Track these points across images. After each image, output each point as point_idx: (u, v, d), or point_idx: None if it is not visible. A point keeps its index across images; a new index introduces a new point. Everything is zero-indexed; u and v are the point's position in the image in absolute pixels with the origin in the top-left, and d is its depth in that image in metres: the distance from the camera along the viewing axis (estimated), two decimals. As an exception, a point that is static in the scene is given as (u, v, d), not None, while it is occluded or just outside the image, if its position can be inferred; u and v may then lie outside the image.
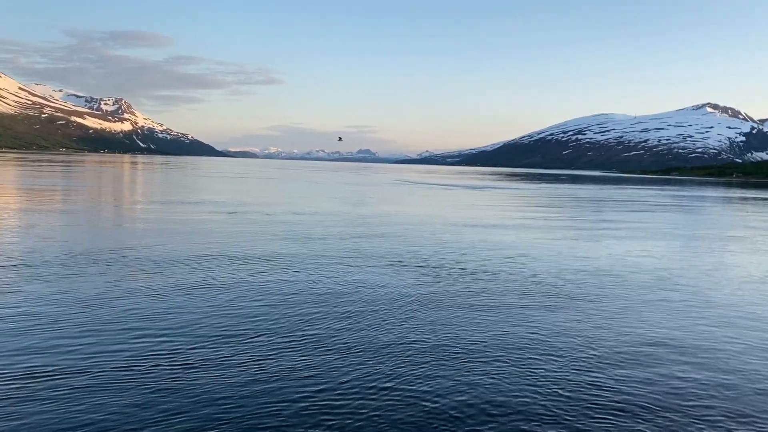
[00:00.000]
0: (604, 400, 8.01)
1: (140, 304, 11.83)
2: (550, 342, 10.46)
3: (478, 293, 14.07)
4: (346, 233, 24.78)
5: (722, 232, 32.96)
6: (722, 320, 12.55)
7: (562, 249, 22.25)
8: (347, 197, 52.18)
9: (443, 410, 7.48)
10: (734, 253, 23.96)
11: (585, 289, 15.01)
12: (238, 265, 16.31)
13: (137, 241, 20.00)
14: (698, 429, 7.30)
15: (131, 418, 6.92)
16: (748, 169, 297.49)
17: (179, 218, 28.32)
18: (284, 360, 9.00)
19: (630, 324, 11.88)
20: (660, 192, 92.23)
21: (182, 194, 47.24)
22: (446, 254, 19.63)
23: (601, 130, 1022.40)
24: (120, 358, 8.76)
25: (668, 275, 17.57)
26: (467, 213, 38.79)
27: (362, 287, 14.26)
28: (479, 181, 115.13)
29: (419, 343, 10.12)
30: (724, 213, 51.69)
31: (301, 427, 6.89)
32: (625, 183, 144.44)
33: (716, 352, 10.30)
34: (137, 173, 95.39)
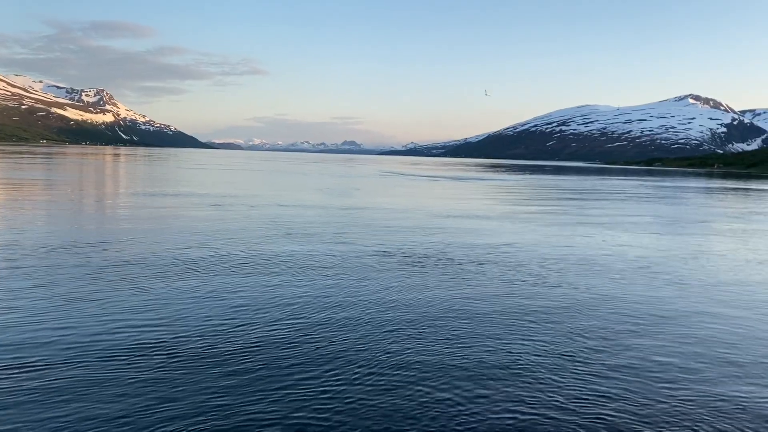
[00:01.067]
0: (587, 384, 8.08)
1: (122, 296, 11.73)
2: (533, 329, 10.52)
3: (462, 281, 14.11)
4: (332, 224, 24.73)
5: (703, 221, 33.36)
6: (703, 302, 12.70)
7: (545, 238, 22.39)
8: (333, 189, 52.05)
9: (426, 397, 7.50)
10: (714, 241, 24.25)
11: (568, 277, 15.12)
12: (223, 257, 16.23)
13: (119, 234, 19.81)
14: (683, 412, 7.39)
15: (114, 409, 6.86)
16: (728, 160, 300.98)
17: (162, 211, 28.09)
18: (269, 350, 8.98)
19: (613, 310, 11.98)
20: (642, 183, 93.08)
21: (165, 187, 46.85)
22: (432, 244, 19.66)
23: (585, 122, 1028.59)
24: (101, 350, 8.68)
25: (650, 263, 17.74)
26: (453, 204, 38.91)
27: (348, 277, 14.25)
28: (465, 172, 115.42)
29: (403, 329, 10.13)
30: (705, 203, 52.31)
31: (285, 414, 6.88)
32: (608, 174, 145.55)
33: (697, 334, 10.42)
34: (119, 165, 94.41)
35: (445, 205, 37.87)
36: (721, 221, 34.10)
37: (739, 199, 60.30)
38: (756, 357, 9.62)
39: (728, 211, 43.33)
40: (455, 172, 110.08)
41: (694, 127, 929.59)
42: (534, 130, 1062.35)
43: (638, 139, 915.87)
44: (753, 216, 39.19)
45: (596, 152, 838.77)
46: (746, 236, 26.54)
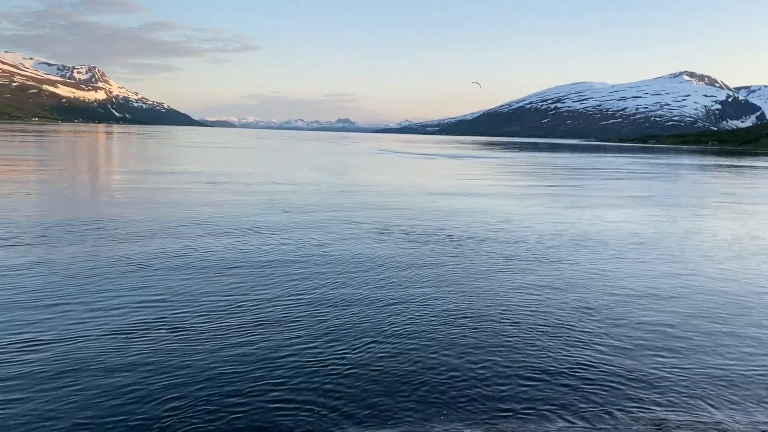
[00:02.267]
0: (582, 353, 8.23)
1: (119, 273, 11.78)
2: (530, 301, 10.66)
3: (461, 257, 14.23)
4: (329, 202, 24.78)
5: (696, 198, 33.56)
6: (695, 278, 12.87)
7: (541, 216, 22.51)
8: (330, 167, 51.99)
9: (422, 367, 7.63)
10: (707, 218, 24.43)
11: (563, 253, 15.25)
12: (218, 235, 16.27)
13: (114, 212, 19.81)
14: (676, 386, 7.55)
15: (113, 384, 6.97)
16: (723, 137, 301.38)
17: (156, 188, 28.05)
18: (268, 325, 9.07)
19: (608, 284, 12.13)
20: (637, 160, 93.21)
21: (159, 165, 46.68)
22: (430, 222, 19.75)
23: (580, 99, 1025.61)
24: (99, 327, 8.76)
25: (644, 239, 17.89)
26: (449, 182, 38.97)
27: (346, 254, 14.33)
28: (460, 150, 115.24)
29: (403, 304, 10.25)
30: (699, 181, 52.52)
31: (283, 391, 7.00)
32: (603, 151, 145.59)
33: (690, 306, 10.59)
34: (113, 143, 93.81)
35: (441, 183, 37.92)
36: (714, 198, 34.30)
37: (732, 176, 60.55)
38: (745, 326, 9.80)
39: (721, 189, 43.56)
40: (450, 150, 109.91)
41: (689, 104, 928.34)
42: (529, 107, 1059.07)
43: (633, 117, 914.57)
44: (745, 193, 39.43)
45: (591, 129, 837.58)
46: (738, 213, 26.74)
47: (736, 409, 6.95)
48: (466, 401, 6.90)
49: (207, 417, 6.33)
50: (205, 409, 6.48)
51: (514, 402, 6.92)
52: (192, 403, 6.60)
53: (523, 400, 6.98)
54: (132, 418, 6.25)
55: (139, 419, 6.23)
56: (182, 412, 6.39)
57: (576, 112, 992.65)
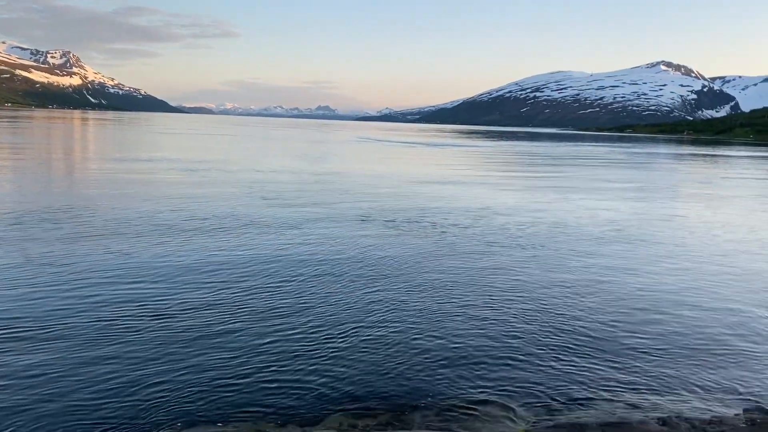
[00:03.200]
0: (560, 340, 8.34)
1: (95, 261, 11.63)
2: (511, 287, 10.76)
3: (441, 244, 14.29)
4: (310, 190, 24.69)
5: (672, 186, 34.07)
6: (670, 261, 13.09)
7: (520, 203, 22.68)
8: (311, 155, 51.76)
9: (404, 358, 7.68)
10: (682, 205, 24.82)
11: (540, 239, 15.39)
12: (196, 222, 16.11)
13: (88, 200, 19.53)
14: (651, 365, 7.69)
15: (95, 372, 6.90)
16: (698, 127, 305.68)
17: (133, 176, 27.68)
18: (246, 314, 9.05)
19: (584, 267, 12.28)
20: (614, 149, 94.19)
21: (136, 152, 46.07)
22: (411, 209, 19.77)
23: (559, 88, 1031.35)
24: (73, 315, 8.66)
25: (621, 225, 18.12)
26: (430, 170, 39.07)
27: (327, 240, 14.31)
28: (440, 138, 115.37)
29: (383, 290, 10.28)
30: (675, 169, 53.28)
31: (263, 379, 7.00)
32: (581, 140, 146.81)
33: (665, 289, 10.77)
34: (88, 129, 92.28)
35: (422, 171, 37.99)
36: (689, 186, 34.86)
37: (707, 164, 61.50)
38: (718, 306, 10.00)
39: (696, 177, 44.24)
40: (431, 139, 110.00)
41: (666, 94, 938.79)
42: (508, 96, 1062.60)
43: (610, 106, 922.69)
44: (719, 181, 40.13)
45: (569, 118, 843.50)
46: (712, 200, 27.22)
47: (710, 387, 7.11)
48: (445, 385, 6.96)
49: (186, 404, 6.30)
50: (184, 396, 6.45)
51: (492, 385, 7.00)
52: (172, 390, 6.56)
53: (501, 383, 7.06)
54: (110, 407, 6.20)
55: (118, 408, 6.18)
56: (162, 401, 6.35)
57: (555, 101, 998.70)
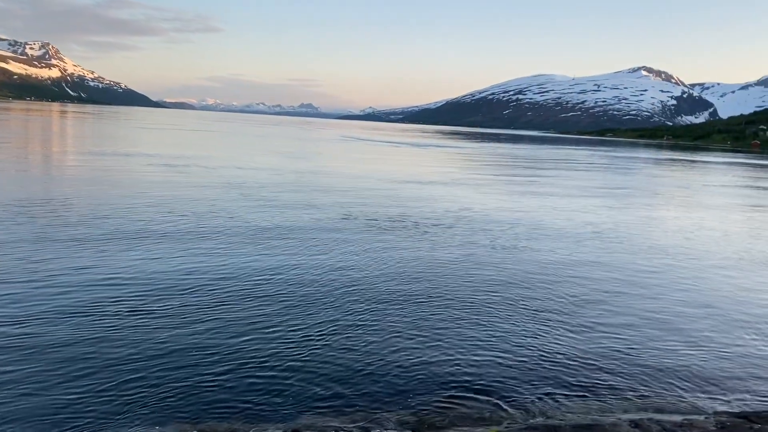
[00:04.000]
0: (534, 341, 8.39)
1: (70, 257, 11.47)
2: (486, 286, 10.80)
3: (423, 243, 14.30)
4: (292, 188, 24.58)
5: (650, 190, 34.48)
6: (644, 263, 13.25)
7: (502, 204, 22.80)
8: (294, 153, 51.54)
9: (383, 355, 7.68)
10: (660, 209, 25.15)
11: (521, 240, 15.48)
12: (173, 218, 15.95)
13: (64, 193, 19.25)
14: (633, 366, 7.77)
15: (68, 369, 6.81)
16: (677, 132, 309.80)
17: (112, 171, 27.33)
18: (222, 308, 8.98)
19: (563, 269, 12.38)
20: (595, 152, 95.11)
21: (115, 146, 45.51)
22: (395, 208, 19.77)
23: (541, 91, 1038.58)
24: (47, 307, 8.53)
25: (600, 228, 18.29)
26: (414, 170, 39.15)
27: (307, 238, 14.25)
28: (424, 139, 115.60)
29: (360, 290, 10.26)
30: (654, 174, 53.93)
31: (238, 373, 6.96)
32: (562, 143, 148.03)
33: (639, 292, 10.90)
34: (66, 123, 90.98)
35: (406, 170, 38.03)
36: (668, 191, 35.31)
37: (685, 170, 62.36)
38: (692, 308, 10.15)
39: (674, 182, 44.85)
40: (414, 139, 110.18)
41: (646, 99, 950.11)
42: (491, 98, 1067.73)
43: (592, 110, 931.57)
44: (696, 186, 40.71)
45: (551, 122, 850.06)
46: (689, 204, 27.62)
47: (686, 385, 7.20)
48: (420, 385, 6.97)
49: (162, 403, 6.23)
50: (160, 396, 6.39)
51: (466, 386, 7.02)
52: (148, 390, 6.49)
53: (475, 383, 7.08)
54: (85, 407, 6.12)
55: (92, 408, 6.10)
56: (138, 401, 6.28)
57: (537, 104, 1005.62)
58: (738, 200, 32.75)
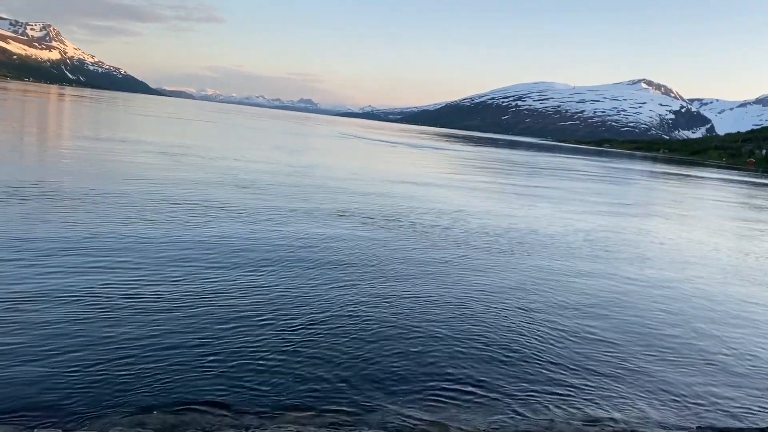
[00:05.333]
0: (519, 350, 8.40)
1: (65, 237, 11.41)
2: (476, 289, 10.81)
3: (413, 242, 14.30)
4: (289, 183, 24.52)
5: (644, 202, 34.61)
6: (633, 273, 13.30)
7: (495, 209, 22.82)
8: (293, 148, 51.44)
9: (368, 355, 7.67)
10: (653, 221, 25.22)
11: (512, 244, 15.50)
12: (167, 206, 15.88)
13: (58, 177, 19.15)
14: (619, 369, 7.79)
15: (55, 345, 6.77)
16: (674, 146, 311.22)
17: (105, 156, 27.19)
18: (204, 303, 8.95)
19: (552, 277, 12.41)
20: (591, 162, 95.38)
21: (113, 132, 45.28)
22: (390, 207, 19.76)
23: (541, 98, 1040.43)
24: (40, 294, 8.49)
25: (592, 237, 18.34)
26: (411, 170, 39.15)
27: (300, 232, 14.22)
28: (422, 140, 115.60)
29: (349, 286, 10.25)
30: (649, 186, 54.13)
31: (225, 364, 6.94)
32: (559, 151, 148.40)
33: (624, 301, 10.93)
34: (64, 106, 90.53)
35: (403, 170, 38.04)
36: (661, 203, 35.43)
37: (679, 184, 62.61)
38: (676, 320, 10.19)
39: (668, 195, 45.01)
40: (413, 140, 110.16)
41: (645, 112, 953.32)
42: (491, 102, 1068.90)
43: (590, 120, 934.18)
44: (689, 200, 40.89)
45: (549, 129, 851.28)
46: (681, 218, 27.73)
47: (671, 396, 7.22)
48: (403, 387, 6.96)
49: (141, 393, 6.21)
50: (140, 385, 6.36)
51: (450, 393, 7.02)
52: (129, 378, 6.47)
53: (459, 391, 7.09)
54: (67, 389, 6.09)
55: (74, 391, 6.07)
56: (118, 388, 6.25)
57: (536, 111, 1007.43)
58: (730, 216, 32.90)
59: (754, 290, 14.28)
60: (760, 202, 47.41)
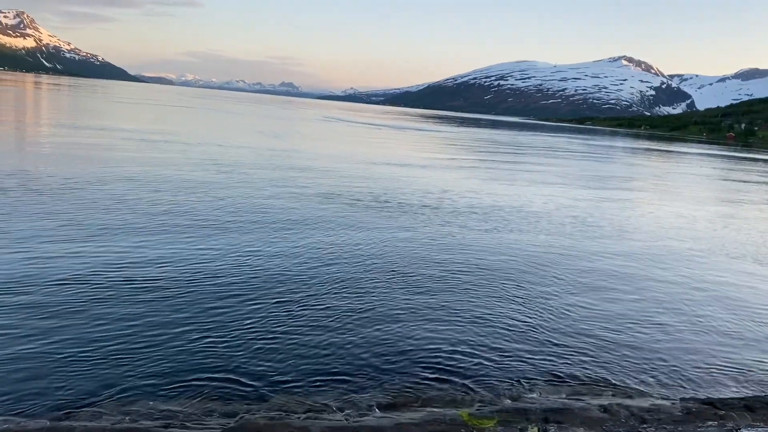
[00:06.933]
0: (505, 326, 8.46)
1: (45, 226, 11.25)
2: (459, 269, 10.86)
3: (402, 223, 14.31)
4: (274, 166, 24.36)
5: (626, 178, 34.89)
6: (615, 247, 13.44)
7: (482, 188, 22.88)
8: (276, 132, 51.06)
9: (355, 338, 7.68)
10: (635, 196, 25.46)
11: (497, 222, 15.57)
12: (149, 192, 15.71)
13: (37, 165, 18.85)
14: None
15: (43, 335, 6.70)
16: (655, 122, 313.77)
17: (85, 144, 26.81)
18: (191, 290, 8.90)
19: (536, 254, 12.50)
20: (573, 140, 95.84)
21: (91, 120, 44.63)
22: (376, 188, 19.72)
23: (523, 77, 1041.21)
24: (23, 278, 8.38)
25: (577, 212, 18.47)
26: (396, 152, 39.09)
27: (287, 215, 14.15)
28: (405, 122, 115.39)
29: (336, 270, 10.24)
30: (630, 162, 54.54)
31: (211, 349, 6.91)
32: (542, 130, 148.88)
33: (609, 274, 11.06)
34: (41, 94, 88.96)
35: (388, 152, 37.95)
36: (643, 179, 35.74)
37: (661, 159, 63.16)
38: (660, 294, 10.33)
39: (650, 171, 45.41)
40: (396, 122, 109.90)
41: (626, 89, 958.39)
42: (473, 83, 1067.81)
43: (572, 98, 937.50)
44: (671, 176, 41.31)
45: (531, 108, 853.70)
46: (662, 193, 28.01)
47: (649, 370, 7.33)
48: (391, 368, 6.99)
49: (130, 379, 6.17)
50: (129, 371, 6.32)
51: (437, 370, 7.06)
52: (118, 365, 6.42)
53: (447, 367, 7.13)
54: (55, 377, 6.04)
55: (61, 379, 6.02)
56: (107, 374, 6.21)
57: (518, 90, 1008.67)
58: (711, 190, 33.30)
59: (734, 262, 14.49)
60: (740, 175, 48.00)
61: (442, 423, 5.61)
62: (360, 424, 5.57)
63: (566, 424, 5.72)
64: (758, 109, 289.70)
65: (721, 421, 6.03)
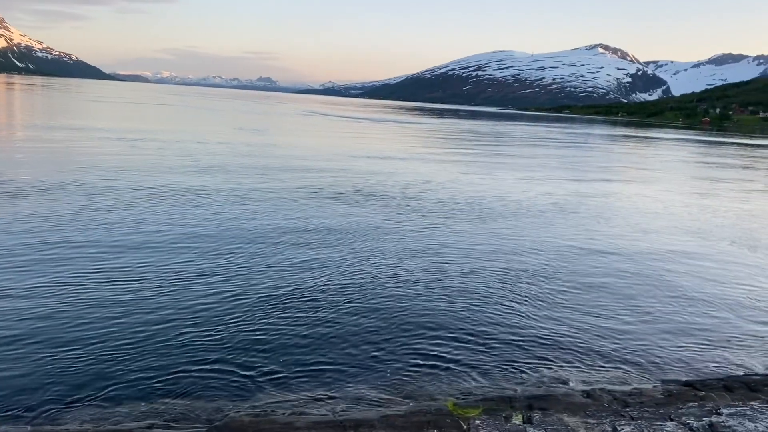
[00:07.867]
0: (488, 314, 8.53)
1: (21, 230, 11.09)
2: (444, 258, 10.91)
3: (387, 215, 14.32)
4: (255, 162, 24.20)
5: (604, 165, 35.22)
6: (596, 232, 13.58)
7: (462, 179, 22.96)
8: (255, 128, 50.70)
9: (341, 327, 7.69)
10: (613, 182, 25.74)
11: (479, 210, 15.64)
12: (126, 191, 15.54)
13: (10, 167, 18.55)
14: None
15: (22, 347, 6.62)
16: (632, 109, 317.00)
17: (60, 144, 26.40)
18: (171, 286, 8.84)
19: (518, 240, 12.59)
20: (552, 129, 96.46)
21: (65, 119, 43.95)
22: (359, 181, 19.69)
23: (500, 67, 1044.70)
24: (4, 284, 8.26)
25: (557, 200, 18.62)
26: (376, 145, 39.05)
27: (275, 209, 14.09)
28: (385, 114, 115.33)
29: (323, 262, 10.23)
30: (608, 149, 55.06)
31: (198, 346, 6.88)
32: (520, 119, 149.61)
33: (589, 261, 11.19)
34: (13, 95, 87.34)
35: (368, 145, 37.90)
36: (621, 165, 36.13)
37: (639, 145, 63.84)
38: (641, 279, 10.48)
39: (628, 157, 45.90)
40: (376, 114, 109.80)
41: (602, 76, 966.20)
42: (452, 74, 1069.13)
43: (549, 87, 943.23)
44: (648, 161, 41.79)
45: (510, 98, 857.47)
46: (640, 178, 28.34)
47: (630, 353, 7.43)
48: (375, 357, 7.01)
49: (112, 380, 6.12)
50: (111, 372, 6.27)
51: (422, 358, 7.09)
52: (100, 366, 6.36)
53: (431, 356, 7.17)
54: (38, 380, 5.97)
55: (44, 381, 5.95)
56: (88, 376, 6.15)
57: (496, 81, 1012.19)
58: (688, 175, 33.74)
59: (711, 244, 14.71)
60: (714, 159, 48.67)
61: (427, 413, 5.62)
62: (346, 417, 5.57)
63: (550, 410, 5.76)
64: (732, 93, 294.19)
65: (702, 402, 6.13)
